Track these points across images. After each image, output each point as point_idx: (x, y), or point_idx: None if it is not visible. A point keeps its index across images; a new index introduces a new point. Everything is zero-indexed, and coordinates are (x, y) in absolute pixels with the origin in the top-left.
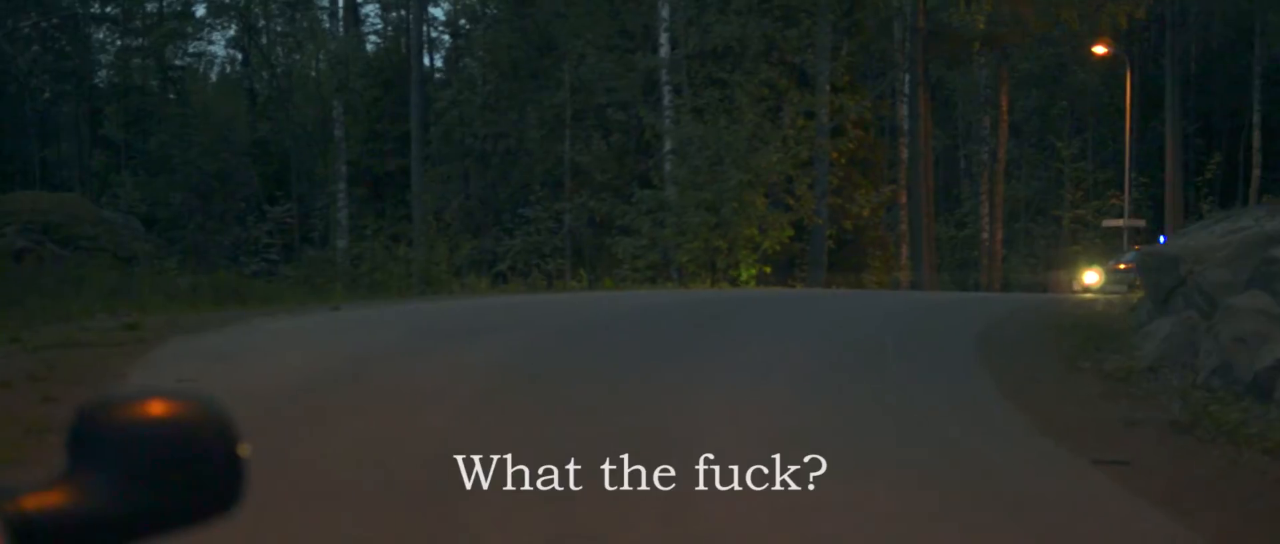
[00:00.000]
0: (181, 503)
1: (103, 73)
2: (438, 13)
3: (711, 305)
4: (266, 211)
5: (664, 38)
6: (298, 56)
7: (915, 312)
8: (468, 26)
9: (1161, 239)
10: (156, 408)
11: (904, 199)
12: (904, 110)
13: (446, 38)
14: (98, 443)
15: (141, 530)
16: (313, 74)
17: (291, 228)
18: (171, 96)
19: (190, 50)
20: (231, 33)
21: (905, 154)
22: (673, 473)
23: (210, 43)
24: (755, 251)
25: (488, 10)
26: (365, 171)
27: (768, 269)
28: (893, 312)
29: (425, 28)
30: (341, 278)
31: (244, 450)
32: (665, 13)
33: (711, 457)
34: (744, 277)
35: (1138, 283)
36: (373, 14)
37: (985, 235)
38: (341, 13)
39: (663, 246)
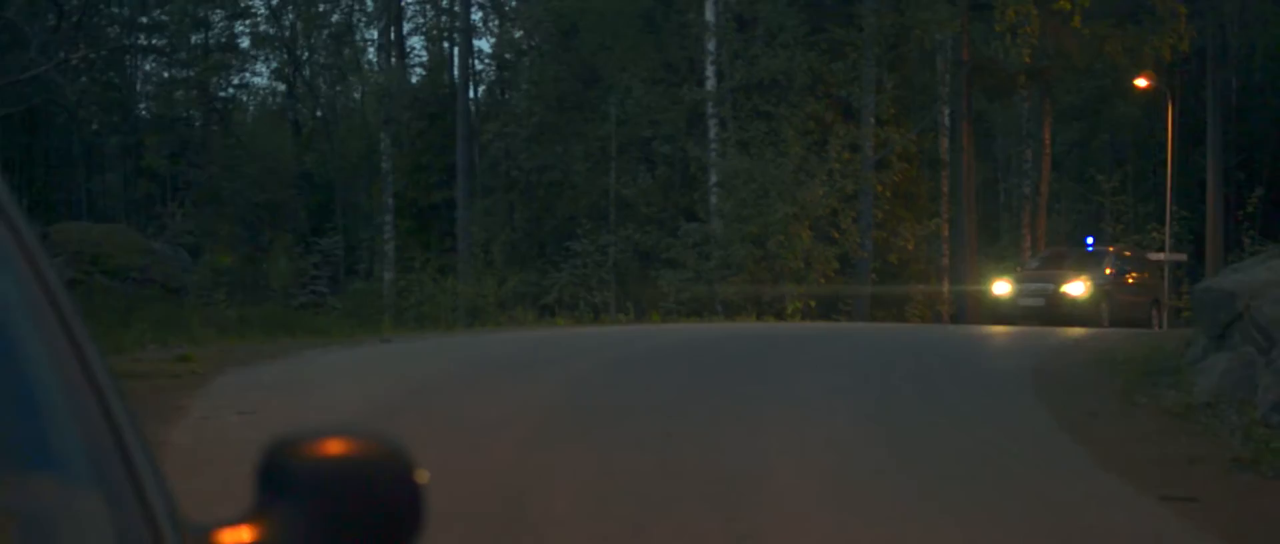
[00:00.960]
0: (366, 537)
1: (146, 104)
2: (483, 45)
3: (761, 339)
4: (313, 243)
5: (710, 71)
6: (340, 88)
7: (965, 346)
8: (513, 59)
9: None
10: (340, 445)
11: (946, 232)
12: (946, 143)
13: (492, 71)
14: (285, 480)
15: None
16: (358, 106)
17: (337, 260)
18: (215, 128)
19: (234, 82)
20: (274, 65)
21: (947, 187)
22: (737, 506)
23: (254, 74)
24: (800, 285)
25: (533, 43)
26: (410, 203)
27: (812, 303)
28: (943, 346)
29: (471, 60)
30: (388, 310)
31: (423, 476)
32: (711, 46)
33: (774, 489)
34: (789, 310)
35: (1063, 294)
36: (418, 46)
37: None
38: (385, 45)
39: (707, 280)
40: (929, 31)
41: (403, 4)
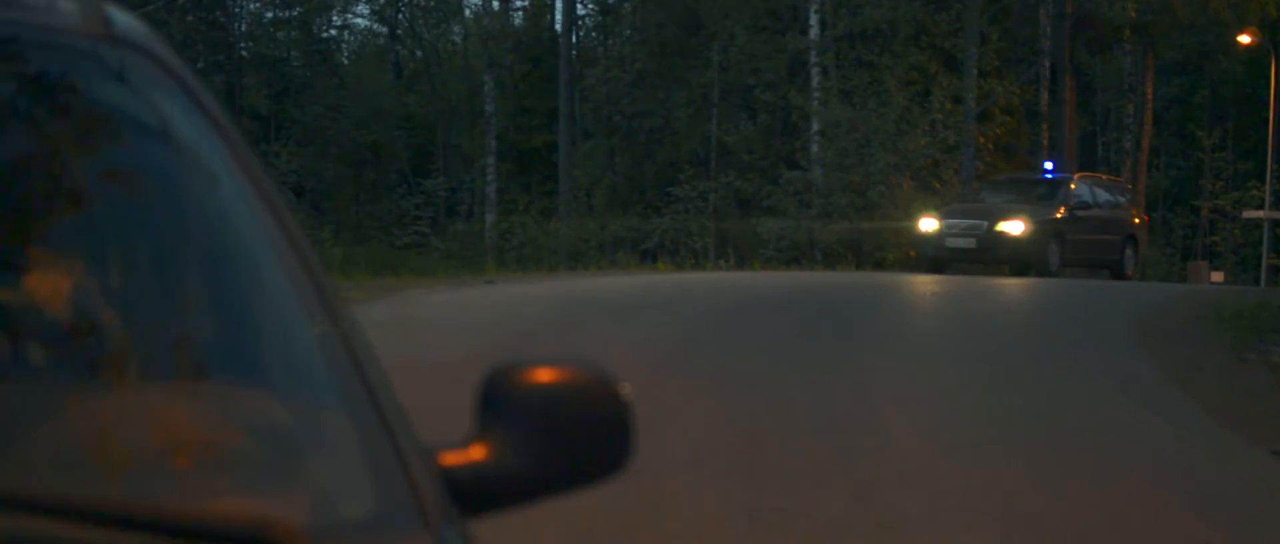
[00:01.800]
0: (580, 462)
1: (247, 44)
2: None
3: (864, 288)
4: (416, 184)
5: (814, 19)
6: (441, 29)
7: (1066, 299)
8: (615, 4)
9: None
10: (554, 372)
11: None
12: (1047, 97)
13: (595, 15)
14: (504, 405)
15: (545, 487)
16: (459, 47)
17: (439, 201)
18: (318, 69)
19: (336, 22)
20: (376, 5)
21: (1047, 141)
22: (853, 452)
23: (355, 16)
24: (903, 236)
25: None
26: (512, 146)
27: (912, 252)
28: (1044, 298)
29: (574, 4)
30: (491, 252)
31: (625, 390)
32: None
33: (892, 438)
34: (889, 260)
35: (998, 233)
36: None
37: None
38: None
39: (808, 228)
40: None
41: None
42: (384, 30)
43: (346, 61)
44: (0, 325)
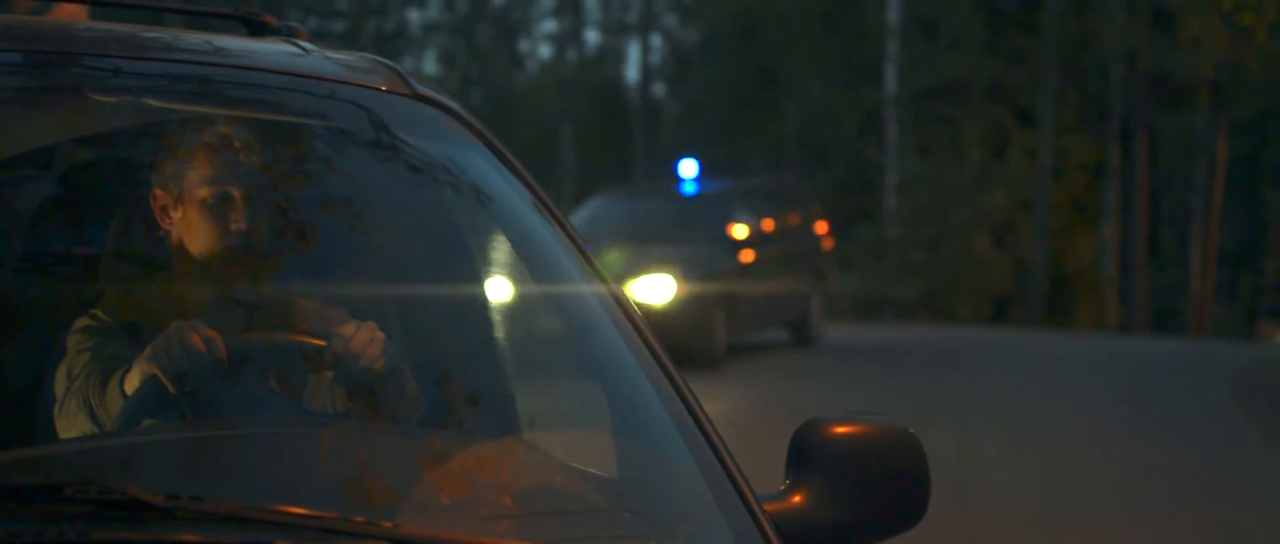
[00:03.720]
0: (884, 510)
1: None
2: (661, 41)
3: (949, 343)
4: None
5: (890, 73)
6: (514, 79)
7: (1152, 356)
8: (691, 56)
9: None
10: (859, 426)
11: (1114, 242)
12: (1118, 154)
13: (671, 67)
14: (814, 456)
15: (850, 537)
16: (531, 96)
17: None
18: None
19: (408, 66)
20: (446, 52)
21: (1118, 198)
22: (970, 508)
23: (425, 61)
24: (976, 291)
25: (711, 41)
26: (585, 195)
27: (986, 310)
28: (1128, 356)
29: (649, 56)
30: None
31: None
32: (893, 48)
33: (1008, 494)
34: (963, 316)
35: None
36: (594, 40)
37: (1194, 283)
38: (562, 36)
39: (882, 282)
40: (1108, 40)
41: None
42: (456, 77)
43: None
44: (315, 369)
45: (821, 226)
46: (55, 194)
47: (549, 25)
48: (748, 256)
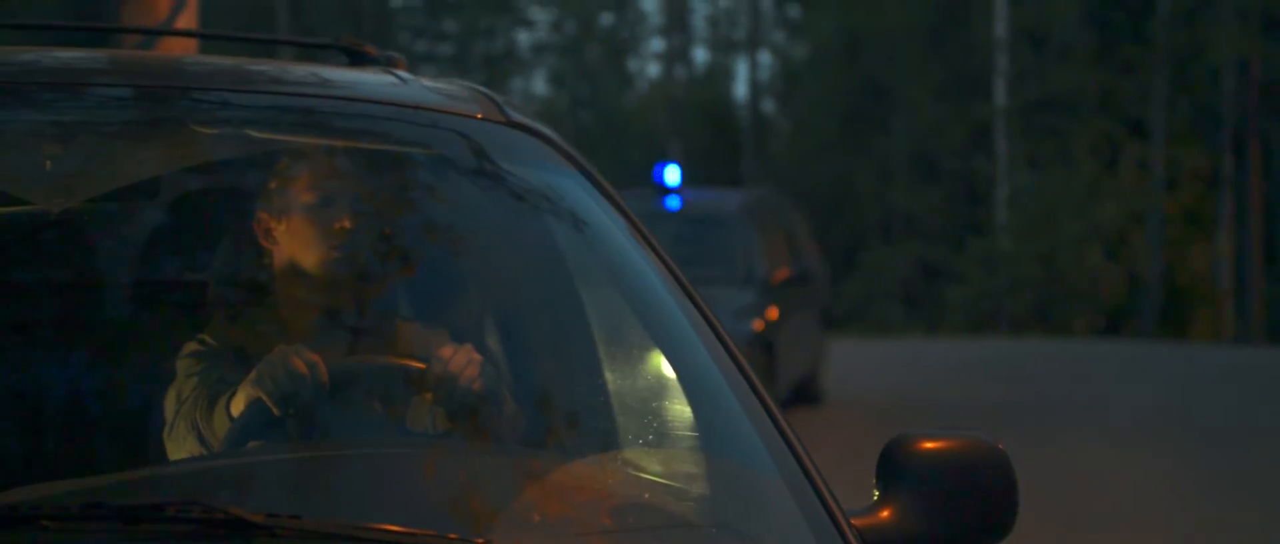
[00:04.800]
0: (973, 525)
1: None
2: (769, 58)
3: (1067, 355)
4: None
5: (999, 86)
6: (622, 97)
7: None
8: (799, 72)
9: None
10: (948, 442)
11: (1229, 253)
12: (1231, 163)
13: (778, 83)
14: (903, 471)
15: None
16: (637, 114)
17: None
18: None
19: (516, 88)
20: (555, 73)
21: (1232, 208)
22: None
23: (534, 80)
24: (1089, 303)
25: (820, 57)
26: None
27: (1099, 322)
28: (1255, 368)
29: (756, 73)
30: None
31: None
32: (1001, 62)
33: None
34: (1077, 329)
35: None
36: (702, 58)
37: None
38: (670, 55)
39: (994, 295)
40: (1219, 49)
41: (688, 16)
42: (563, 97)
43: None
44: (414, 392)
45: (814, 250)
46: (165, 223)
47: (657, 44)
48: (778, 300)
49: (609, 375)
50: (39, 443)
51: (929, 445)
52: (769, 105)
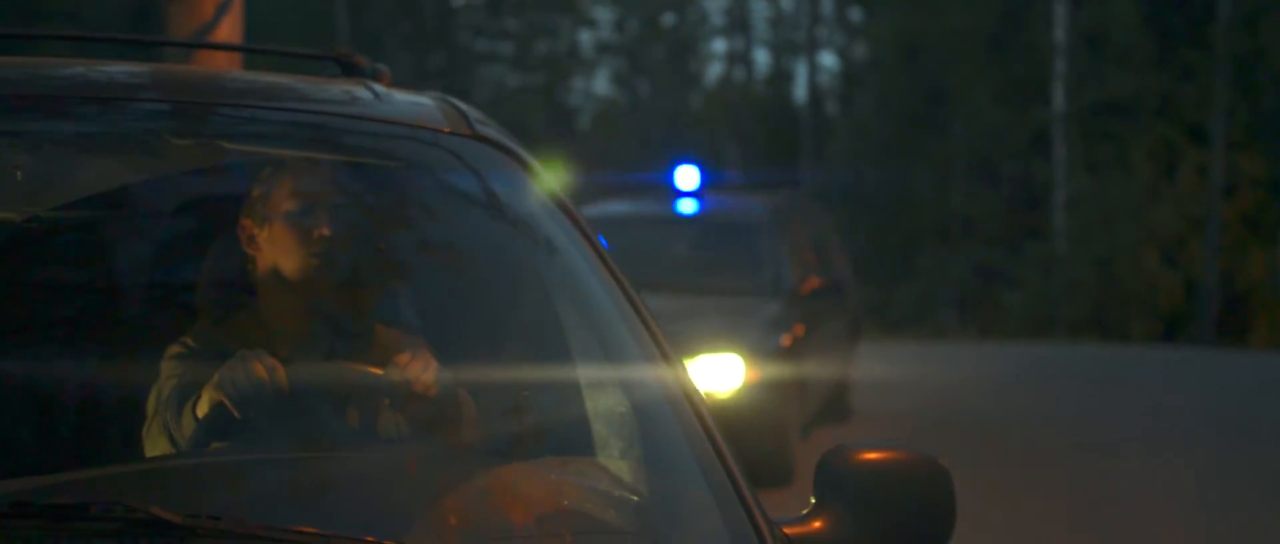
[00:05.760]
0: (908, 536)
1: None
2: (829, 60)
3: (1131, 359)
4: None
5: (1058, 90)
6: (686, 97)
7: None
8: (858, 75)
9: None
10: (885, 453)
11: None
12: None
13: (838, 85)
14: (839, 482)
15: None
16: (700, 115)
17: None
18: (559, 136)
19: (577, 88)
20: (616, 72)
21: None
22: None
23: (594, 79)
24: (1147, 309)
25: (879, 60)
26: None
27: (1157, 328)
28: None
29: (815, 76)
30: None
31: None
32: (1060, 67)
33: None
34: (1134, 334)
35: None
36: (762, 59)
37: None
38: (731, 57)
39: (1051, 300)
40: None
41: (749, 18)
42: (625, 96)
43: (587, 128)
44: (372, 396)
45: (844, 259)
46: (153, 230)
47: (719, 45)
48: (808, 313)
49: (550, 383)
50: (29, 440)
51: (866, 457)
52: (829, 107)
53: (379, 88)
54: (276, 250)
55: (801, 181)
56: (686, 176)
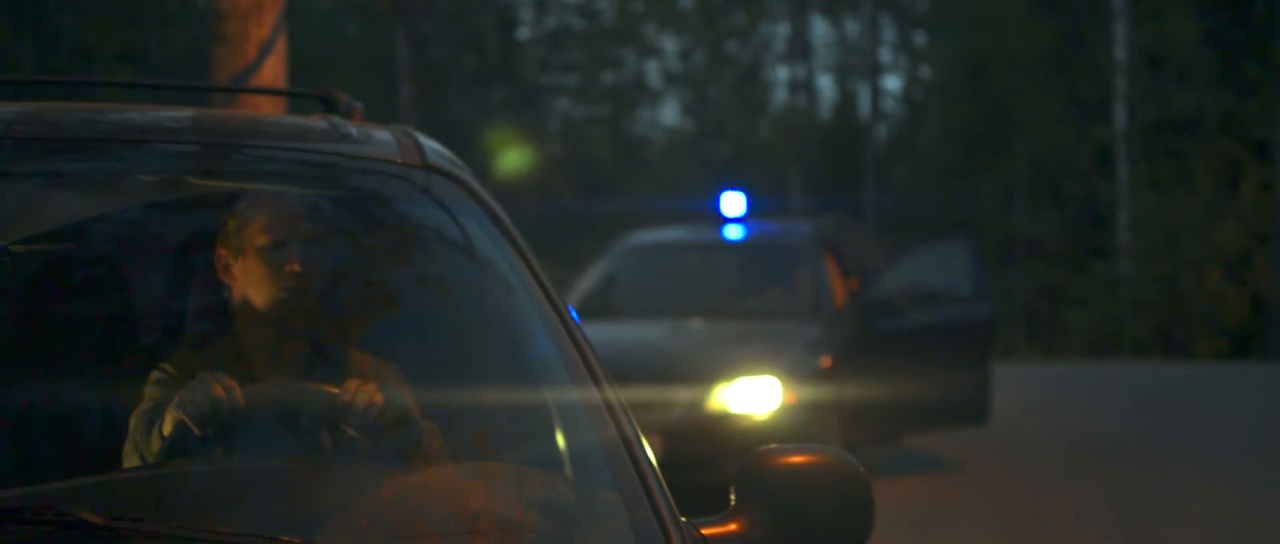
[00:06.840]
0: (826, 537)
1: (554, 143)
2: (892, 83)
3: (1201, 378)
4: None
5: (1120, 109)
6: (750, 125)
7: None
8: (922, 98)
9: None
10: (804, 456)
11: None
12: None
13: (902, 109)
14: (759, 485)
15: None
16: (765, 142)
17: None
18: (627, 167)
19: (644, 119)
20: (683, 102)
21: None
22: None
23: (662, 109)
24: (1212, 326)
25: (942, 82)
26: None
27: (1223, 345)
28: None
29: (879, 99)
30: None
31: (864, 472)
32: (1121, 85)
33: None
34: (1200, 352)
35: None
36: (826, 85)
37: None
38: (795, 83)
39: (1116, 319)
40: None
41: (812, 44)
42: (692, 126)
43: (657, 158)
44: (325, 416)
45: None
46: (135, 262)
47: (782, 73)
48: (867, 333)
49: (484, 398)
50: (19, 455)
51: (784, 460)
52: (892, 129)
53: (347, 124)
54: (249, 282)
55: (865, 206)
56: (732, 203)
